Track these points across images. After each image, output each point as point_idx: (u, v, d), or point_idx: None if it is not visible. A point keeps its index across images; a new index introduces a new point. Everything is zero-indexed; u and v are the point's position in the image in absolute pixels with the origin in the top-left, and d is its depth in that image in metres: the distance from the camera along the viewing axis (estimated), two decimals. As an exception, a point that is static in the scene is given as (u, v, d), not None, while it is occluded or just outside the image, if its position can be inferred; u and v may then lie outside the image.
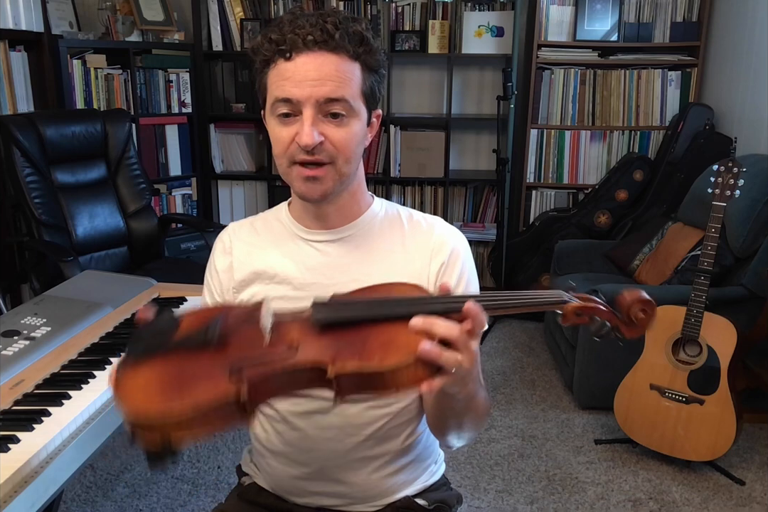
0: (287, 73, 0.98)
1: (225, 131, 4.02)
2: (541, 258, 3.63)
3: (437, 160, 3.90)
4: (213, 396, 0.71)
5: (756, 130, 3.12)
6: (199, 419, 0.70)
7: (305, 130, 0.98)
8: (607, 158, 3.81)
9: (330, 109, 0.99)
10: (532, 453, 2.53)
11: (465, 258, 1.14)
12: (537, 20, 3.61)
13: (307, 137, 0.97)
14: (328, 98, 0.98)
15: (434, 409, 1.08)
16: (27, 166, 2.75)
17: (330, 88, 0.98)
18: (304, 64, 0.98)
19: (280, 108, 1.00)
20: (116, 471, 2.39)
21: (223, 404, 0.71)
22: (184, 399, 0.70)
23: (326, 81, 0.98)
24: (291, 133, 1.00)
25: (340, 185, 1.04)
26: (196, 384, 0.73)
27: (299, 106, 0.98)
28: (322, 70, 0.98)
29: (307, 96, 0.97)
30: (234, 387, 0.72)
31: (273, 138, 1.04)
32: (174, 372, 0.75)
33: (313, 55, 0.98)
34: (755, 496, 2.28)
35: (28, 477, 1.03)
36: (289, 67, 0.98)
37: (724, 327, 2.24)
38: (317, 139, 0.98)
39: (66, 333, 1.49)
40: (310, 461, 1.15)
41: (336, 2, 3.79)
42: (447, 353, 0.79)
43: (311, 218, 1.12)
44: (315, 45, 0.98)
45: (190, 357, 0.77)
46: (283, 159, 1.03)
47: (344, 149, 1.01)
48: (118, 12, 3.58)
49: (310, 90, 0.97)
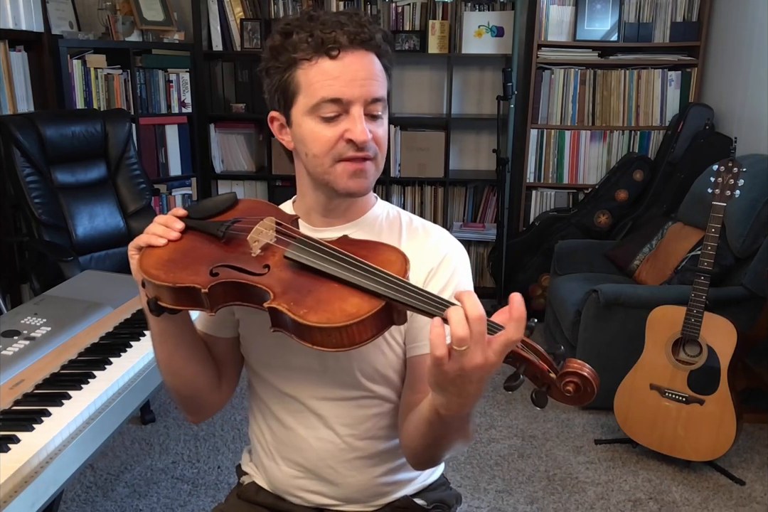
0: (335, 72, 0.97)
1: (225, 131, 4.02)
2: (541, 258, 3.63)
3: (437, 160, 3.90)
4: (188, 281, 0.92)
5: (756, 130, 3.11)
6: (172, 291, 0.93)
7: (360, 127, 0.98)
8: (607, 158, 3.81)
9: (373, 110, 1.01)
10: (532, 453, 2.53)
11: (457, 264, 1.09)
12: (537, 20, 3.61)
13: (363, 134, 0.98)
14: (375, 98, 1.00)
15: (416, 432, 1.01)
16: (27, 166, 2.75)
17: (375, 87, 1.00)
18: (351, 64, 0.98)
19: (327, 108, 0.99)
20: (116, 471, 2.39)
21: (191, 289, 0.92)
22: (169, 274, 0.94)
23: (372, 81, 0.99)
24: (337, 131, 0.99)
25: (375, 181, 1.07)
26: (186, 268, 0.95)
27: (348, 105, 0.98)
28: (368, 69, 0.99)
29: (358, 96, 0.98)
30: (205, 281, 0.92)
31: (311, 138, 1.01)
32: (185, 249, 0.98)
33: (359, 55, 0.99)
34: (755, 496, 2.28)
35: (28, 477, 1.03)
36: (337, 67, 0.98)
37: (724, 327, 2.24)
38: (369, 135, 1.00)
39: (66, 333, 1.49)
40: (303, 460, 1.15)
41: (336, 2, 3.79)
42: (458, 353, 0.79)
43: (319, 214, 1.11)
44: (361, 44, 0.98)
45: (202, 241, 0.99)
46: (326, 158, 1.01)
47: (383, 146, 1.04)
48: (118, 12, 3.58)
49: (360, 90, 0.98)
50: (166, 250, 0.98)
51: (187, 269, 0.95)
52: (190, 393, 1.15)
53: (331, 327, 0.85)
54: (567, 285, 3.08)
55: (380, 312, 0.87)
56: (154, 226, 1.00)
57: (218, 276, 0.93)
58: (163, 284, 0.92)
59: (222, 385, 1.17)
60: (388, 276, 0.88)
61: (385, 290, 0.86)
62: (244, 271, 0.93)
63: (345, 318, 0.85)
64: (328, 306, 0.87)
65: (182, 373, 1.11)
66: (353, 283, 0.88)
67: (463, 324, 0.79)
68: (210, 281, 0.92)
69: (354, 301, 0.87)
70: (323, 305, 0.87)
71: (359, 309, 0.86)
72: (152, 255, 0.97)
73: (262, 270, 0.94)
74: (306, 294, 0.89)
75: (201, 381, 1.13)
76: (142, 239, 0.99)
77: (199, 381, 1.13)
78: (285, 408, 1.14)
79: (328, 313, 0.86)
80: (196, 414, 1.21)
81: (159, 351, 1.10)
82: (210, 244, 0.99)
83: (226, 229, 0.99)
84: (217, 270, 0.94)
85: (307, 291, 0.90)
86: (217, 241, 0.99)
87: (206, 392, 1.15)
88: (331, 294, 0.89)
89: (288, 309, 0.87)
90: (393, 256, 0.95)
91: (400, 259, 0.94)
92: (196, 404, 1.19)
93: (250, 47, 3.83)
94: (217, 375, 1.16)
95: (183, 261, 0.96)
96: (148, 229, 1.00)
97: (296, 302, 0.88)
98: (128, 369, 1.37)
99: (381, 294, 0.87)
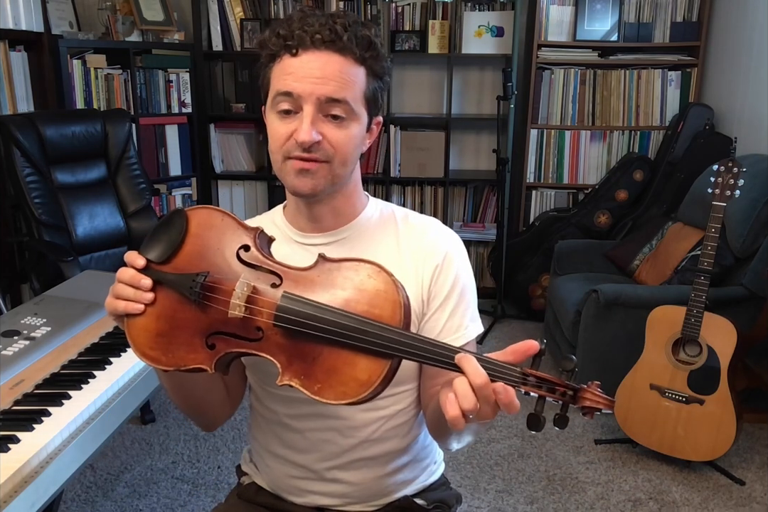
0: (291, 68, 0.98)
1: (225, 131, 4.02)
2: (541, 258, 3.63)
3: (437, 160, 3.90)
4: (191, 362, 0.90)
5: (756, 130, 3.11)
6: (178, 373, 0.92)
7: (304, 127, 0.97)
8: (607, 158, 3.81)
9: (331, 110, 0.98)
10: (532, 453, 2.53)
11: (460, 261, 1.11)
12: (537, 20, 3.61)
13: (305, 134, 0.96)
14: (330, 98, 0.97)
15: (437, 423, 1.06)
16: (27, 166, 2.75)
17: (333, 87, 0.97)
18: (309, 62, 0.97)
19: (280, 103, 0.99)
20: (116, 471, 2.39)
21: (196, 369, 0.90)
22: (168, 356, 0.91)
23: (329, 80, 0.97)
24: (289, 128, 0.99)
25: (331, 186, 1.03)
26: (181, 344, 0.91)
27: (300, 101, 0.97)
28: (326, 69, 0.97)
29: (309, 92, 0.97)
30: (207, 363, 0.89)
31: (270, 133, 1.03)
32: (167, 315, 0.92)
33: (319, 54, 0.97)
34: (755, 496, 2.28)
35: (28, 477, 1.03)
36: (294, 63, 0.98)
37: (724, 327, 2.24)
38: (315, 137, 0.97)
39: (66, 333, 1.49)
40: (308, 462, 1.15)
41: (336, 2, 3.79)
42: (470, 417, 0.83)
43: (305, 220, 1.10)
44: (322, 44, 0.97)
45: (180, 301, 0.92)
46: (278, 154, 1.01)
47: (341, 150, 1.00)
48: (118, 12, 3.58)
49: (312, 87, 0.97)
50: (150, 320, 0.92)
51: (183, 345, 0.90)
52: (201, 411, 1.16)
53: (347, 403, 0.85)
54: (567, 285, 3.08)
55: (391, 371, 0.85)
56: (122, 288, 0.91)
57: (216, 348, 0.90)
58: (168, 368, 0.91)
59: (231, 398, 1.18)
60: (390, 331, 0.84)
61: (392, 351, 0.84)
62: (240, 338, 0.90)
63: (360, 389, 0.84)
64: (340, 377, 0.85)
65: (192, 399, 1.12)
66: (353, 346, 0.85)
67: (470, 395, 0.81)
68: (211, 357, 0.89)
69: (363, 366, 0.85)
70: (333, 377, 0.85)
71: (370, 374, 0.84)
72: (139, 330, 0.92)
73: (256, 334, 0.89)
74: (312, 363, 0.86)
75: (212, 402, 1.14)
76: (119, 308, 0.91)
77: (211, 402, 1.14)
78: (287, 409, 1.13)
79: (342, 386, 0.84)
80: (208, 426, 1.23)
81: (170, 391, 1.10)
82: (185, 303, 0.92)
83: (199, 294, 0.90)
84: (212, 340, 0.90)
85: (311, 358, 0.87)
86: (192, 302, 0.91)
87: (217, 408, 1.16)
88: (337, 360, 0.86)
89: (301, 386, 0.86)
90: (382, 284, 0.89)
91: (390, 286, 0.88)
92: (208, 420, 1.20)
93: (250, 47, 3.83)
94: (226, 392, 1.16)
95: (173, 333, 0.91)
96: (116, 291, 0.92)
97: (306, 375, 0.86)
98: (128, 369, 1.37)
99: (384, 352, 0.84)
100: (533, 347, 0.82)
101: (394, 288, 0.88)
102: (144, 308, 0.91)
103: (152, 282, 0.92)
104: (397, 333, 0.84)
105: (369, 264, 0.90)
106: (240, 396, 1.21)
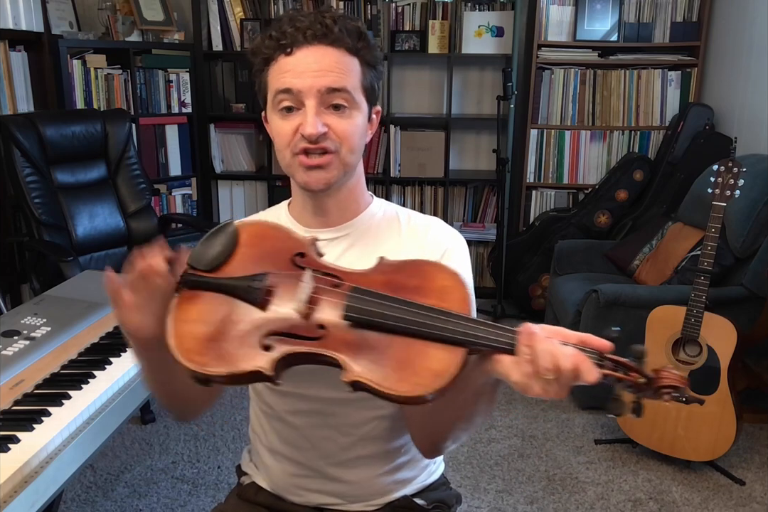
0: (288, 66, 1.00)
1: (225, 131, 4.01)
2: (541, 258, 3.63)
3: (437, 160, 3.90)
4: (248, 366, 0.83)
5: (756, 130, 3.11)
6: (229, 378, 0.84)
7: (309, 119, 0.98)
8: (607, 158, 3.81)
9: (332, 100, 1.00)
10: (532, 453, 2.53)
11: (460, 258, 1.11)
12: (537, 20, 3.61)
13: (311, 127, 0.98)
14: (330, 88, 0.99)
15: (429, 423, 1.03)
16: (27, 166, 2.75)
17: (332, 78, 0.99)
18: (305, 57, 0.99)
19: (282, 101, 1.00)
20: (116, 471, 2.39)
21: (253, 372, 0.83)
22: (221, 361, 0.84)
23: (327, 72, 0.99)
24: (294, 124, 1.00)
25: (343, 176, 1.04)
26: (235, 347, 0.85)
27: (300, 96, 0.99)
28: (322, 61, 0.99)
29: (309, 86, 0.98)
30: (264, 363, 0.83)
31: (275, 133, 1.04)
32: (217, 319, 0.87)
33: (314, 49, 0.99)
34: (755, 496, 2.28)
35: (28, 477, 1.03)
36: (290, 61, 1.00)
37: (724, 327, 2.24)
38: (321, 129, 0.99)
39: (66, 333, 1.49)
40: (306, 459, 1.15)
41: (336, 2, 3.79)
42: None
43: (311, 214, 1.11)
44: (315, 39, 0.99)
45: (229, 304, 0.88)
46: (286, 151, 1.02)
47: (348, 139, 1.02)
48: (118, 12, 3.58)
49: (312, 80, 0.98)
50: (197, 326, 0.87)
51: (237, 349, 0.84)
52: (180, 400, 1.12)
53: (424, 394, 0.80)
54: (567, 285, 3.08)
55: (465, 360, 0.83)
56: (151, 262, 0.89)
57: (273, 349, 0.84)
58: (219, 374, 0.83)
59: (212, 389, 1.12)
60: (460, 319, 0.83)
61: (462, 337, 0.82)
62: (299, 337, 0.85)
63: (436, 380, 0.80)
64: (413, 369, 0.81)
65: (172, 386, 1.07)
66: (424, 335, 0.83)
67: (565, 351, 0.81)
68: (269, 359, 0.83)
69: (436, 356, 0.82)
70: (406, 368, 0.81)
71: (446, 364, 0.81)
72: (184, 336, 0.86)
73: (317, 332, 0.85)
74: (381, 357, 0.83)
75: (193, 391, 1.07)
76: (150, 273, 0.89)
77: (192, 391, 1.07)
78: (285, 405, 1.13)
79: (416, 378, 0.80)
80: (186, 416, 1.20)
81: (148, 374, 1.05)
82: (239, 305, 0.88)
83: (259, 292, 0.88)
84: (269, 341, 0.85)
85: (380, 352, 0.83)
86: (248, 303, 0.88)
87: (197, 397, 1.13)
88: (409, 351, 0.82)
89: (371, 381, 0.81)
90: (447, 280, 0.89)
91: (456, 281, 0.89)
92: (187, 408, 1.16)
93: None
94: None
95: (224, 338, 0.86)
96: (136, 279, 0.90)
97: (376, 370, 0.81)
98: (128, 369, 1.37)
99: (459, 340, 0.82)
100: (606, 348, 0.84)
101: (461, 283, 0.89)
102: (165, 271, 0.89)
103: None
104: (471, 320, 0.83)
105: (431, 263, 0.92)
106: (221, 389, 1.17)
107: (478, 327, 0.83)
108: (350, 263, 1.07)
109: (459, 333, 0.83)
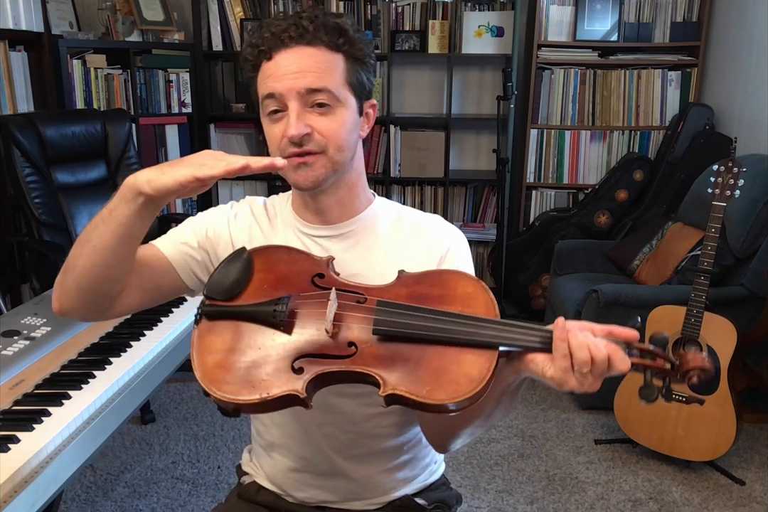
0: (269, 71, 1.01)
1: (225, 131, 4.01)
2: (541, 258, 3.63)
3: (437, 160, 3.90)
4: (280, 390, 0.83)
5: (756, 130, 3.11)
6: (261, 405, 0.84)
7: (290, 121, 0.99)
8: (607, 158, 3.81)
9: (314, 100, 1.00)
10: (532, 453, 2.53)
11: (462, 256, 1.12)
12: (537, 20, 3.61)
13: (292, 128, 0.99)
14: (310, 88, 0.99)
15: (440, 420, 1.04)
16: (27, 166, 2.75)
17: (310, 79, 0.99)
18: (283, 60, 1.00)
19: (268, 106, 1.02)
20: (116, 471, 2.39)
21: (286, 397, 0.83)
22: (251, 389, 0.83)
23: (306, 73, 0.99)
24: (281, 128, 1.01)
25: (333, 174, 1.04)
26: (265, 374, 0.84)
27: (283, 99, 1.00)
28: (301, 63, 1.00)
29: (288, 88, 0.99)
30: (297, 386, 0.83)
31: (267, 137, 1.05)
32: (242, 347, 0.86)
33: (291, 51, 1.00)
34: (755, 496, 2.28)
35: (28, 477, 1.03)
36: (271, 66, 1.01)
37: (724, 327, 2.24)
38: (303, 130, 0.99)
39: (66, 333, 1.49)
40: (309, 454, 1.15)
41: (336, 2, 3.79)
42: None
43: (311, 213, 1.12)
44: (291, 40, 1.00)
45: (253, 331, 0.87)
46: (276, 154, 1.03)
47: (333, 138, 1.02)
48: (118, 12, 3.58)
49: (291, 82, 0.99)
50: (223, 354, 0.86)
51: (266, 375, 0.84)
52: (98, 290, 1.03)
53: (463, 399, 0.81)
54: (567, 285, 3.08)
55: (498, 362, 0.84)
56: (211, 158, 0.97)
57: (304, 372, 0.84)
58: (251, 402, 0.82)
59: (121, 296, 1.05)
60: (490, 322, 0.85)
61: (495, 341, 0.84)
62: (330, 357, 0.85)
63: (473, 384, 0.82)
64: (448, 376, 0.82)
65: (111, 269, 1.02)
66: (456, 341, 0.84)
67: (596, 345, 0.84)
68: (303, 382, 0.83)
69: (469, 361, 0.83)
70: (442, 376, 0.82)
71: (480, 368, 0.83)
72: (212, 368, 0.85)
73: (348, 350, 0.85)
74: (416, 368, 0.83)
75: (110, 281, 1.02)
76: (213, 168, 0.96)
77: (109, 280, 1.02)
78: None
79: (453, 384, 0.81)
80: (88, 316, 1.10)
81: (105, 236, 1.03)
82: (264, 331, 0.88)
83: (285, 315, 0.88)
84: (300, 364, 0.84)
85: (414, 363, 0.84)
86: (273, 328, 0.88)
87: (106, 292, 1.04)
88: (442, 360, 0.84)
89: (409, 392, 0.81)
90: (470, 287, 0.90)
91: (478, 287, 0.90)
92: (99, 306, 1.05)
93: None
94: (123, 283, 1.04)
95: (252, 365, 0.85)
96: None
97: (412, 381, 0.82)
98: (128, 369, 1.37)
99: (491, 343, 0.83)
100: (634, 337, 0.86)
101: (483, 288, 0.90)
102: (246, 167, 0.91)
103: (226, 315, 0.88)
104: (501, 323, 0.85)
105: (451, 271, 0.94)
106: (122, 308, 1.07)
107: (509, 328, 0.85)
108: (352, 262, 1.08)
109: (491, 336, 0.84)
